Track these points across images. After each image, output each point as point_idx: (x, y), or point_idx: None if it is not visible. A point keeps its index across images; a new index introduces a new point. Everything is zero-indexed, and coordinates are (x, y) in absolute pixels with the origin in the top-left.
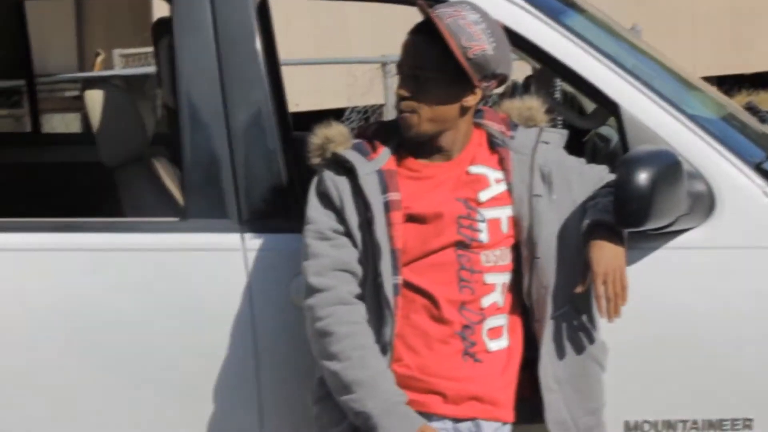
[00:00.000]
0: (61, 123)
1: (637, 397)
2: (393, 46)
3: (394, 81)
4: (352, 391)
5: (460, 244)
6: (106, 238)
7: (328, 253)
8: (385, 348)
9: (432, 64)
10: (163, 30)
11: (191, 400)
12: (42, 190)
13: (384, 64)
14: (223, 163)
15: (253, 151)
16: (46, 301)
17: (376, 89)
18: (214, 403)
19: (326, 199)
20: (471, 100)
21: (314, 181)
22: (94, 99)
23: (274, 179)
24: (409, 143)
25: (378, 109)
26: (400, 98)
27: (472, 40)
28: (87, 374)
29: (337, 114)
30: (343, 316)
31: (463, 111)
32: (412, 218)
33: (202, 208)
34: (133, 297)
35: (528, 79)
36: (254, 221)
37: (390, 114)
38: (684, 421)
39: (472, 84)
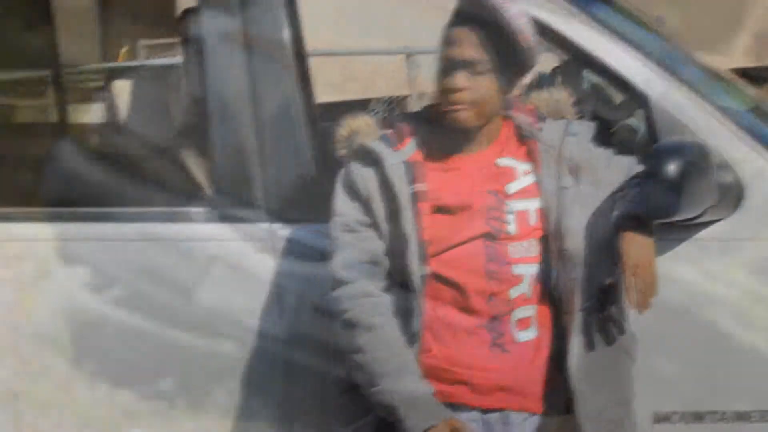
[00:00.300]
0: (86, 114)
1: (666, 389)
2: (417, 38)
3: (419, 72)
4: (377, 383)
5: (489, 236)
6: (135, 228)
7: (354, 245)
8: (412, 339)
9: (488, 56)
10: (189, 21)
11: (217, 390)
12: (69, 181)
13: (408, 55)
14: (252, 153)
15: (281, 142)
16: (72, 291)
17: (401, 80)
18: (240, 395)
19: (353, 191)
20: (515, 92)
21: (341, 172)
22: (122, 90)
23: (302, 170)
24: (437, 134)
25: (403, 100)
26: (453, 91)
27: (522, 32)
28: (105, 367)
29: (362, 105)
30: (369, 309)
31: (506, 103)
32: (439, 209)
33: (230, 198)
34: (160, 287)
35: (555, 70)
36: (282, 212)
37: (415, 105)
38: (712, 413)
39: (519, 76)
